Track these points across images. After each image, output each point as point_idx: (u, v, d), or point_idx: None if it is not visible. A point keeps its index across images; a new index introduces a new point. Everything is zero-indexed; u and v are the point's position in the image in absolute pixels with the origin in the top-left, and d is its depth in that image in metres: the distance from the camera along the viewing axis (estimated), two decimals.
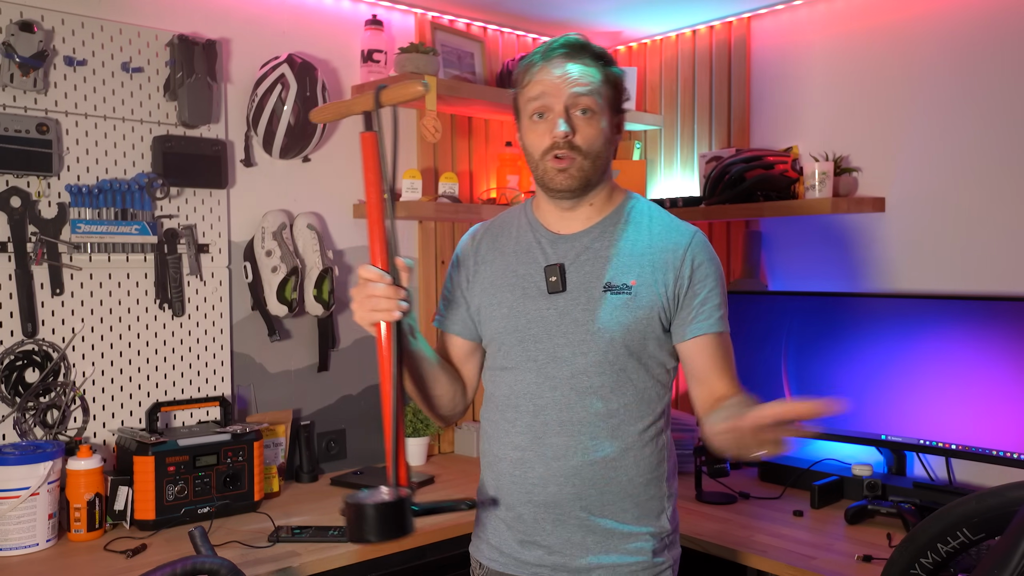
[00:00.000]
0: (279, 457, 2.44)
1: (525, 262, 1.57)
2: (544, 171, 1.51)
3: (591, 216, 1.56)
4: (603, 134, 1.51)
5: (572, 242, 1.55)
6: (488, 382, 1.63)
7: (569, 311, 1.51)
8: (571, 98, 1.48)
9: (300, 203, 2.57)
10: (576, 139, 1.48)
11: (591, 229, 1.55)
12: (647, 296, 1.50)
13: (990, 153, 2.32)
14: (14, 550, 1.90)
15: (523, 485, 1.53)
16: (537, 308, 1.53)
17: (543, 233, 1.58)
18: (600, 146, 1.51)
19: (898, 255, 2.50)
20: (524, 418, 1.53)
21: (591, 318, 1.49)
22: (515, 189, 2.89)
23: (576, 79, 1.48)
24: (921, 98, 2.45)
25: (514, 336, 1.54)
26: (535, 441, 1.52)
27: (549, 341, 1.51)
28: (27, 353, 2.11)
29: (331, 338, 2.61)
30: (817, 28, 2.67)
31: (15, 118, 2.05)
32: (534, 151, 1.52)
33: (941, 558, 1.32)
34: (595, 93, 1.49)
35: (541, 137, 1.50)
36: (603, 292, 1.50)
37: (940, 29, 2.40)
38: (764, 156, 2.58)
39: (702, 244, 1.54)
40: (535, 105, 1.51)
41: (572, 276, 1.52)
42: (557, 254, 1.55)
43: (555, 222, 1.58)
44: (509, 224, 1.64)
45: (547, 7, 2.78)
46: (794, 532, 2.10)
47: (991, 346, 2.15)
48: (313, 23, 2.58)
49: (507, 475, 1.55)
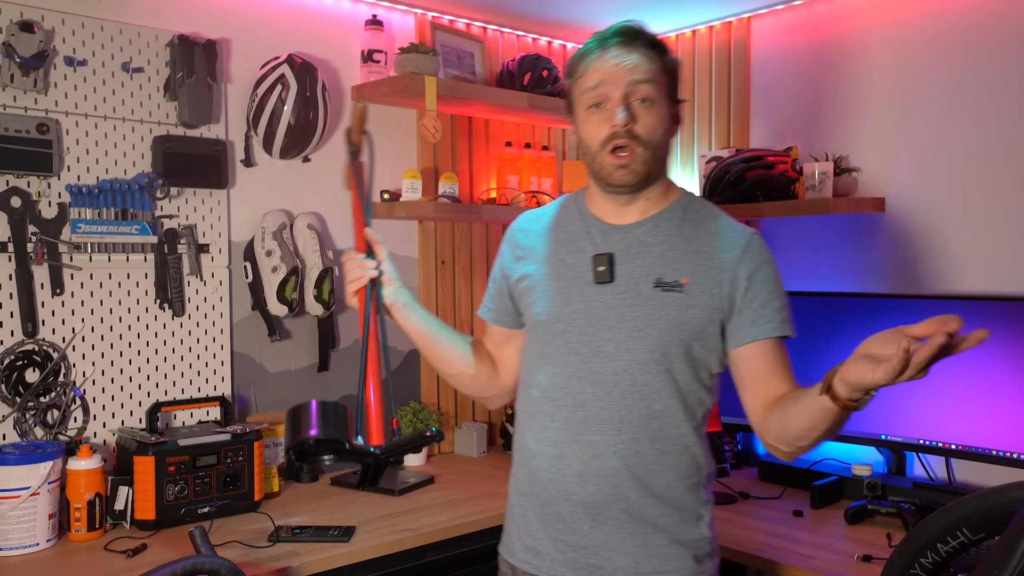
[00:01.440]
0: (279, 457, 2.44)
1: (573, 251, 1.52)
2: (602, 165, 1.45)
3: (646, 209, 1.50)
4: (663, 123, 1.46)
5: (624, 233, 1.49)
6: (525, 372, 1.58)
7: (616, 305, 1.45)
8: (630, 86, 1.42)
9: (300, 203, 2.57)
10: (636, 128, 1.42)
11: (645, 221, 1.50)
12: (701, 296, 1.44)
13: (990, 153, 2.32)
14: (14, 550, 1.90)
15: (560, 483, 1.47)
16: (583, 299, 1.47)
17: (594, 223, 1.53)
18: (660, 136, 1.45)
19: (898, 255, 2.50)
20: (563, 412, 1.48)
21: (639, 314, 1.44)
22: (515, 189, 2.89)
23: (634, 66, 1.43)
24: (921, 98, 2.45)
25: (557, 326, 1.49)
26: (573, 438, 1.46)
27: (593, 335, 1.46)
28: (27, 353, 2.11)
29: (331, 338, 2.61)
30: (817, 28, 2.67)
31: (15, 118, 2.05)
32: (591, 143, 1.46)
33: (941, 558, 1.32)
34: (654, 81, 1.43)
35: (599, 128, 1.44)
36: (653, 288, 1.44)
37: (940, 29, 2.40)
38: (764, 156, 2.58)
39: (761, 246, 1.49)
40: (592, 95, 1.44)
41: (622, 268, 1.46)
42: (607, 244, 1.49)
43: (608, 213, 1.53)
44: (558, 212, 1.60)
45: (547, 7, 2.78)
46: (794, 532, 2.10)
47: (991, 346, 2.15)
48: (313, 23, 2.58)
49: (543, 471, 1.50)
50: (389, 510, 2.22)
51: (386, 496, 2.35)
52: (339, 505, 2.27)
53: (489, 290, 1.68)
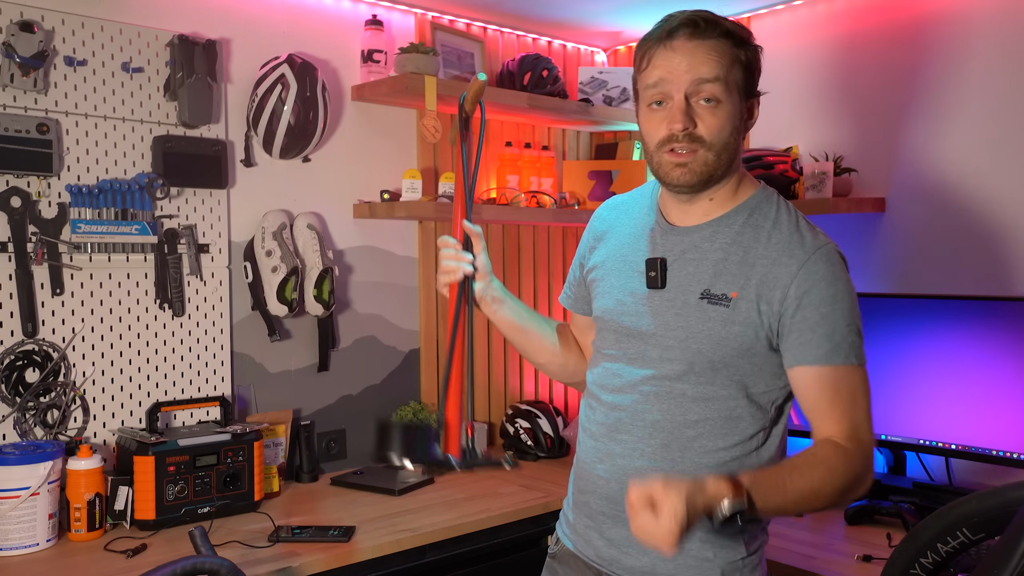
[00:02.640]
0: (279, 457, 2.44)
1: (635, 249, 1.49)
2: (659, 164, 1.39)
3: (709, 211, 1.43)
4: (730, 123, 1.36)
5: (682, 236, 1.44)
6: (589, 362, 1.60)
7: (662, 312, 1.42)
8: (693, 85, 1.33)
9: (300, 203, 2.57)
10: (699, 130, 1.34)
11: (704, 226, 1.43)
12: (745, 312, 1.36)
13: (990, 153, 2.32)
14: (14, 550, 1.90)
15: (591, 475, 1.50)
16: (635, 301, 1.45)
17: (659, 220, 1.49)
18: (726, 137, 1.36)
19: (898, 255, 2.50)
20: (602, 408, 1.49)
21: (682, 324, 1.39)
22: (515, 189, 2.89)
23: (700, 63, 1.33)
24: (921, 98, 2.45)
25: (610, 324, 1.49)
26: (608, 434, 1.47)
27: (639, 338, 1.44)
28: (27, 353, 2.11)
29: (331, 338, 2.61)
30: (817, 28, 2.67)
31: (15, 118, 2.05)
32: (650, 141, 1.40)
33: (941, 558, 1.32)
34: (721, 80, 1.33)
35: (657, 127, 1.37)
36: (699, 299, 1.39)
37: (940, 29, 2.40)
38: (764, 156, 2.58)
39: (825, 262, 1.36)
40: (653, 92, 1.37)
41: (673, 274, 1.42)
42: (665, 245, 1.45)
43: (672, 212, 1.48)
44: (635, 203, 1.56)
45: (547, 7, 2.78)
46: (794, 532, 2.10)
47: (991, 346, 2.15)
48: (313, 23, 2.58)
49: (583, 460, 1.53)
50: (389, 510, 2.22)
51: (386, 496, 2.35)
52: (339, 505, 2.27)
53: (569, 277, 1.68)
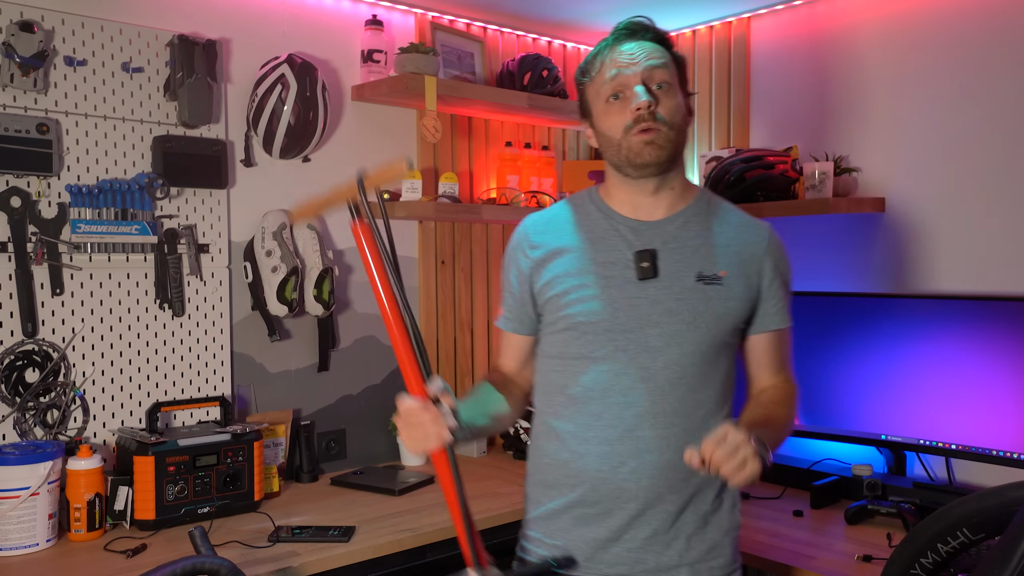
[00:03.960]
0: (279, 457, 2.44)
1: (604, 249, 1.51)
2: (629, 147, 1.46)
3: (674, 203, 1.53)
4: (682, 107, 1.49)
5: (657, 229, 1.51)
6: (559, 373, 1.54)
7: (662, 300, 1.47)
8: (647, 72, 1.46)
9: (300, 203, 2.56)
10: (659, 109, 1.45)
11: (674, 217, 1.52)
12: (737, 287, 1.50)
13: (990, 153, 2.33)
14: (14, 550, 1.90)
15: (613, 480, 1.47)
16: (626, 296, 1.47)
17: (621, 220, 1.52)
18: (681, 119, 1.48)
19: (898, 255, 2.50)
20: (613, 410, 1.47)
21: (686, 307, 1.46)
22: (515, 189, 2.89)
23: (648, 54, 1.47)
24: (922, 98, 2.45)
25: (600, 326, 1.48)
26: (625, 434, 1.47)
27: (641, 331, 1.46)
28: (27, 353, 2.11)
29: (331, 338, 2.61)
30: (817, 28, 2.67)
31: (15, 118, 2.05)
32: (615, 132, 1.47)
33: (941, 558, 1.32)
34: (668, 68, 1.48)
35: (620, 115, 1.46)
36: (696, 281, 1.47)
37: (941, 28, 2.40)
38: (764, 156, 2.58)
39: (778, 241, 1.58)
40: (611, 86, 1.47)
41: (663, 263, 1.48)
42: (642, 241, 1.50)
43: (633, 209, 1.53)
44: (575, 213, 1.57)
45: (547, 7, 2.78)
46: (794, 532, 2.10)
47: (991, 346, 2.15)
48: (313, 23, 2.58)
49: (592, 472, 1.49)
50: (389, 510, 2.22)
51: (386, 496, 2.35)
52: (339, 505, 2.27)
53: (507, 302, 1.62)
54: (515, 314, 1.60)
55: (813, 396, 2.47)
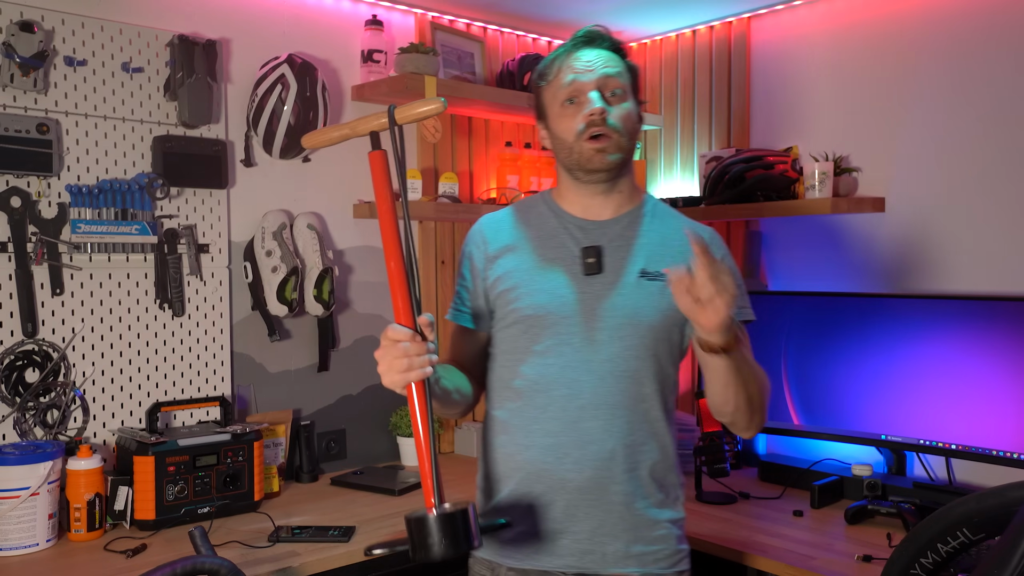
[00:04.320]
0: (279, 457, 2.44)
1: (552, 247, 1.56)
2: (581, 152, 1.52)
3: (621, 204, 1.59)
4: (633, 115, 1.55)
5: (603, 229, 1.57)
6: (502, 367, 1.59)
7: (606, 295, 1.52)
8: (602, 79, 1.51)
9: (300, 203, 2.57)
10: (611, 117, 1.50)
11: (620, 218, 1.58)
12: None
13: (990, 153, 2.32)
14: (14, 550, 1.90)
15: (557, 471, 1.51)
16: (572, 291, 1.52)
17: (570, 219, 1.58)
18: (632, 126, 1.54)
19: (898, 255, 2.50)
20: (557, 402, 1.52)
21: (629, 303, 1.51)
22: (515, 189, 2.89)
23: (604, 62, 1.52)
24: (921, 98, 2.45)
25: (547, 320, 1.52)
26: (569, 426, 1.51)
27: (585, 324, 1.51)
28: (27, 353, 2.11)
29: (331, 338, 2.61)
30: (817, 28, 2.67)
31: (15, 118, 2.05)
32: (568, 135, 1.53)
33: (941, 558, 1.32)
34: (622, 76, 1.54)
35: (574, 120, 1.51)
36: (639, 278, 1.53)
37: (940, 29, 2.40)
38: (764, 156, 2.58)
39: (719, 242, 1.62)
40: (566, 91, 1.52)
41: (608, 260, 1.54)
42: (589, 239, 1.56)
43: (583, 210, 1.59)
44: (528, 212, 1.63)
45: (547, 7, 2.78)
46: (794, 532, 2.10)
47: (991, 346, 2.15)
48: (313, 23, 2.58)
49: (537, 463, 1.52)
50: (389, 510, 2.22)
51: (386, 496, 2.35)
52: (339, 505, 2.27)
53: (461, 296, 1.64)
54: (469, 307, 1.63)
55: (813, 396, 2.47)
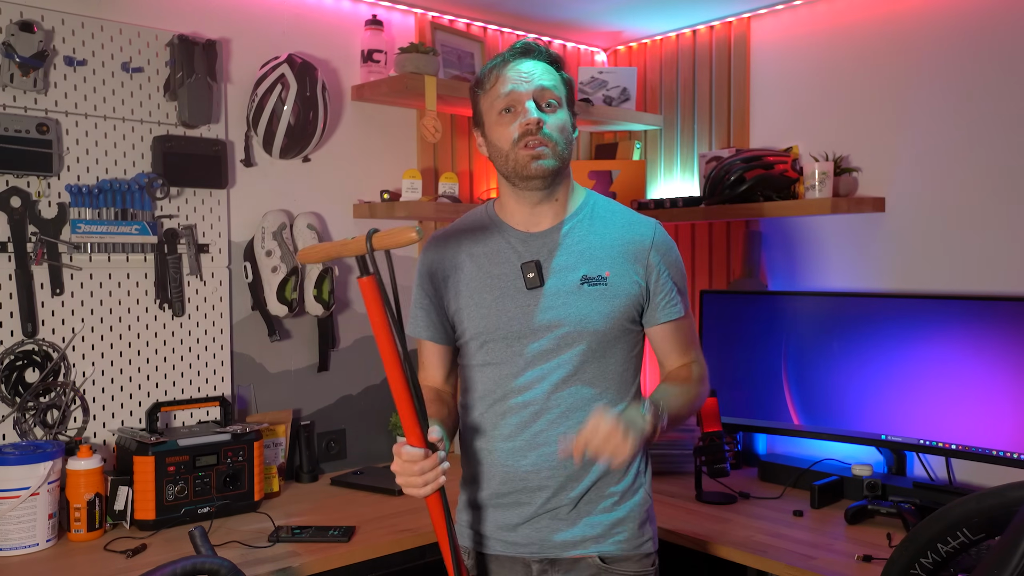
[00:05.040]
0: (279, 457, 2.44)
1: (498, 262, 1.62)
2: (516, 160, 1.56)
3: (558, 212, 1.63)
4: (568, 125, 1.60)
5: (543, 239, 1.61)
6: (470, 379, 1.66)
7: (550, 306, 1.57)
8: (538, 91, 1.56)
9: (300, 203, 2.57)
10: (547, 127, 1.55)
11: (559, 225, 1.62)
12: (622, 286, 1.58)
13: (990, 153, 2.32)
14: (14, 550, 1.90)
15: (517, 474, 1.59)
16: (517, 305, 1.58)
17: (512, 233, 1.63)
18: (568, 136, 1.59)
19: (898, 255, 2.50)
20: (513, 409, 1.59)
21: (571, 311, 1.56)
22: None
23: (540, 74, 1.57)
24: (921, 98, 2.45)
25: (497, 334, 1.59)
26: (525, 430, 1.58)
27: (533, 336, 1.57)
28: (27, 353, 2.11)
29: (331, 338, 2.61)
30: (817, 28, 2.67)
31: (15, 118, 2.05)
32: (504, 144, 1.57)
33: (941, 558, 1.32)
34: (557, 88, 1.59)
35: (510, 128, 1.56)
36: (580, 284, 1.57)
37: (940, 29, 2.40)
38: (764, 156, 2.58)
39: (664, 235, 1.65)
40: (503, 101, 1.57)
41: (548, 271, 1.59)
42: (530, 252, 1.60)
43: (523, 221, 1.63)
44: (473, 229, 1.68)
45: (547, 7, 2.78)
46: (794, 532, 2.10)
47: (991, 346, 2.15)
48: (313, 23, 2.58)
49: (500, 466, 1.61)
50: (389, 510, 2.22)
51: (386, 496, 2.35)
52: (339, 505, 2.27)
53: (418, 313, 1.70)
54: (431, 322, 1.69)
55: (813, 396, 2.47)
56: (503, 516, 1.63)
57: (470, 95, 1.66)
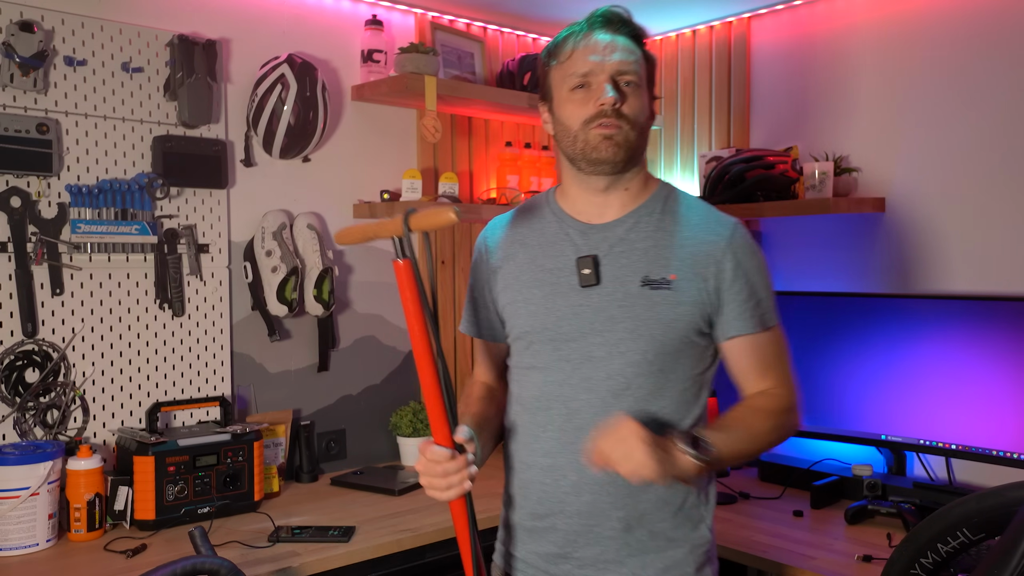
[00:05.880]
0: (279, 457, 2.44)
1: (552, 255, 1.46)
2: (586, 141, 1.40)
3: (626, 203, 1.46)
4: (647, 107, 1.44)
5: (605, 232, 1.45)
6: (514, 382, 1.53)
7: (604, 308, 1.40)
8: (617, 68, 1.40)
9: (300, 203, 2.57)
10: (624, 108, 1.39)
11: (625, 218, 1.45)
12: (688, 292, 1.39)
13: (990, 153, 2.32)
14: (14, 550, 1.90)
15: (555, 494, 1.43)
16: (569, 304, 1.42)
17: (571, 223, 1.47)
18: (644, 120, 1.43)
19: (898, 255, 2.50)
20: (556, 422, 1.43)
21: (629, 315, 1.39)
22: (515, 189, 2.89)
23: (622, 48, 1.41)
24: (921, 98, 2.45)
25: (544, 335, 1.44)
26: (567, 447, 1.41)
27: (583, 340, 1.41)
28: (27, 353, 2.11)
29: (331, 338, 2.61)
30: (817, 28, 2.67)
31: (15, 118, 2.05)
32: (574, 122, 1.41)
33: (941, 558, 1.32)
34: (638, 66, 1.42)
35: (582, 107, 1.40)
36: (641, 287, 1.39)
37: (941, 29, 2.40)
38: (764, 156, 2.58)
39: (744, 236, 1.45)
40: (577, 78, 1.41)
41: (606, 269, 1.42)
42: (589, 245, 1.44)
43: (585, 211, 1.47)
44: (531, 216, 1.53)
45: (547, 7, 2.78)
46: (794, 532, 2.10)
47: (991, 346, 2.15)
48: (313, 23, 2.58)
49: (537, 483, 1.45)
50: (389, 510, 2.22)
51: (386, 496, 2.35)
52: (339, 505, 2.27)
53: (469, 307, 1.60)
54: (477, 317, 1.58)
55: (813, 396, 2.47)
56: (538, 543, 1.47)
57: (538, 66, 1.49)
